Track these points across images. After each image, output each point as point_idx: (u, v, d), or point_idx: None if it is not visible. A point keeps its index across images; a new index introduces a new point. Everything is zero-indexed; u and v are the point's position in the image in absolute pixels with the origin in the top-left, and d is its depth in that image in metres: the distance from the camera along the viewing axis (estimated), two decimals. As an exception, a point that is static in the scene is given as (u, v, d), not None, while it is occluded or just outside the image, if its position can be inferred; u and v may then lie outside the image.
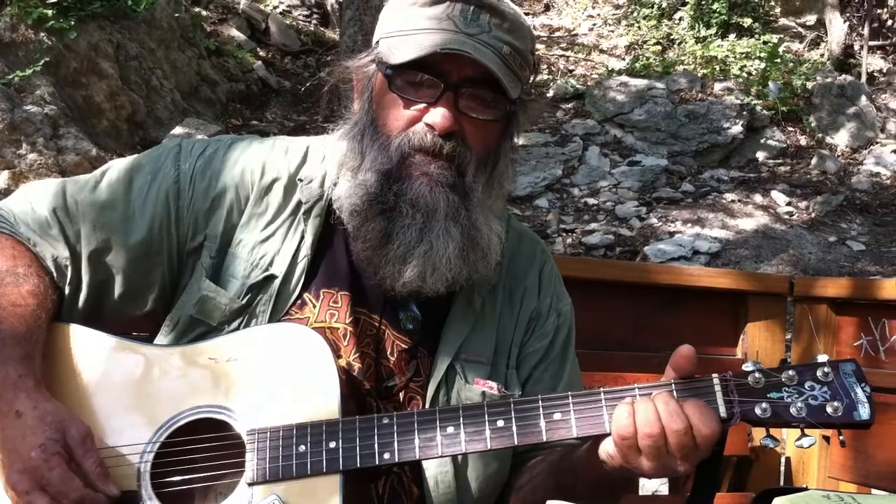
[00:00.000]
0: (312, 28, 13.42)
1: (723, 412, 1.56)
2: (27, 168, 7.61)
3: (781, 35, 13.81)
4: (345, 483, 1.60)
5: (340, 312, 1.82)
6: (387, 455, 1.60)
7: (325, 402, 1.64)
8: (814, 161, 10.50)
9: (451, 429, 1.61)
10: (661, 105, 10.73)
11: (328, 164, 1.87)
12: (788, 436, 2.89)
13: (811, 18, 14.72)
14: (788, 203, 9.44)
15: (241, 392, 1.67)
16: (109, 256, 1.79)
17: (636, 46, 13.91)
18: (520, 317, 1.97)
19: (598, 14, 15.24)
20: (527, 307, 1.98)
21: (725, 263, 8.03)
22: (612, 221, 8.80)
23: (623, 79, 11.38)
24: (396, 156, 1.74)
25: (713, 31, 13.47)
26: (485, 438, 1.60)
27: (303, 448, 1.60)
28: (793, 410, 1.55)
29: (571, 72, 12.98)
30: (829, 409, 1.54)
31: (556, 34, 14.66)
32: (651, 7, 14.35)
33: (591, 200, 9.19)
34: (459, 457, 1.80)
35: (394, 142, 1.75)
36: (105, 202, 1.81)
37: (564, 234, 8.51)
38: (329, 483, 1.59)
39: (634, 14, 14.57)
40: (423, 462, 1.78)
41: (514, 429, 1.60)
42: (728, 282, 3.26)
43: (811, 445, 1.58)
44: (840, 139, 11.15)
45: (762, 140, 10.83)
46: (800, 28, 14.62)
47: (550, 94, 11.57)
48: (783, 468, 3.24)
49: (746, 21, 13.55)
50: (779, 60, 12.23)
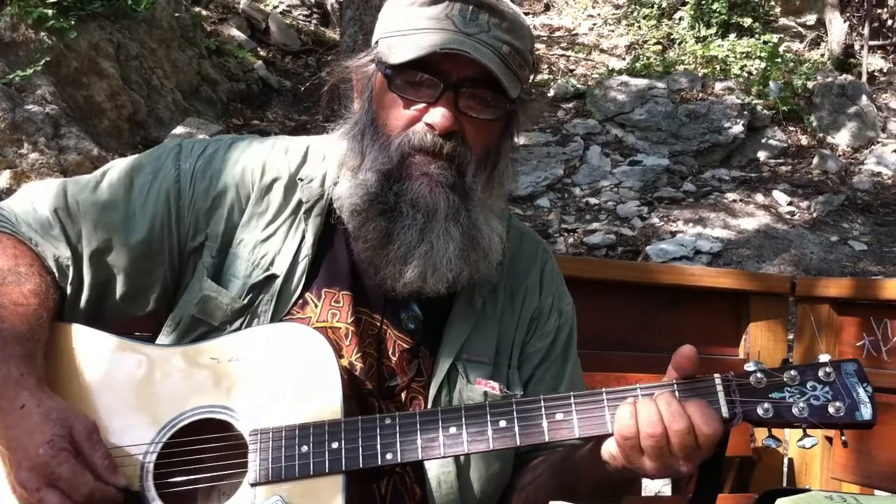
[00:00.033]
0: (313, 28, 13.41)
1: (725, 412, 1.55)
2: (29, 168, 7.61)
3: (782, 35, 13.80)
4: (347, 483, 1.59)
5: (342, 312, 1.82)
6: (389, 455, 1.60)
7: (328, 402, 1.64)
8: (815, 161, 10.50)
9: (454, 429, 1.61)
10: (662, 105, 10.73)
11: (328, 164, 1.87)
12: (791, 436, 2.90)
13: (811, 18, 14.71)
14: (790, 203, 9.44)
15: (244, 392, 1.66)
16: (111, 256, 1.79)
17: (636, 46, 13.90)
18: (521, 316, 1.96)
19: (599, 14, 15.23)
20: (528, 307, 1.98)
21: (727, 263, 8.03)
22: (614, 221, 8.80)
23: (624, 78, 11.38)
24: (397, 156, 1.74)
25: (713, 31, 13.46)
26: (487, 439, 1.60)
27: (305, 448, 1.60)
28: (795, 411, 1.54)
29: (572, 71, 12.98)
30: (832, 410, 1.54)
31: (557, 34, 14.66)
32: (651, 7, 14.34)
33: (593, 200, 9.19)
34: (462, 457, 1.80)
35: (394, 142, 1.75)
36: (106, 202, 1.81)
37: (566, 234, 8.51)
38: (332, 483, 1.59)
39: (634, 14, 14.57)
40: (426, 462, 1.78)
41: (517, 429, 1.60)
42: (730, 282, 3.26)
43: (813, 446, 1.58)
44: (841, 139, 11.14)
45: (763, 140, 10.83)
46: (800, 28, 14.61)
47: (551, 94, 11.56)
48: (786, 469, 3.24)
49: (746, 21, 13.54)
50: (779, 60, 12.23)
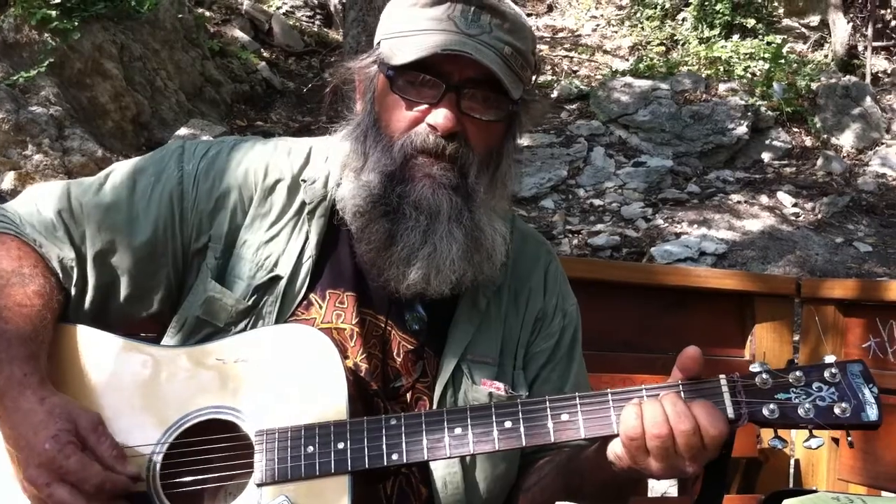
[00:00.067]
0: (316, 29, 13.44)
1: (730, 413, 1.55)
2: (33, 169, 7.63)
3: (785, 36, 13.80)
4: (353, 484, 1.59)
5: (347, 313, 1.82)
6: (395, 456, 1.60)
7: (333, 403, 1.64)
8: (819, 162, 10.49)
9: (459, 430, 1.61)
10: (666, 106, 10.73)
11: (331, 165, 1.87)
12: (797, 437, 2.89)
13: (815, 19, 14.71)
14: (794, 204, 9.43)
15: (249, 393, 1.66)
16: (115, 258, 1.79)
17: (640, 47, 13.90)
18: (525, 317, 1.96)
19: (602, 15, 15.24)
20: (532, 307, 1.98)
21: (732, 264, 8.02)
22: (618, 222, 8.80)
23: (627, 80, 11.38)
24: (399, 157, 1.74)
25: (717, 32, 13.46)
26: (493, 439, 1.60)
27: (311, 449, 1.60)
28: (800, 411, 1.54)
29: (575, 73, 12.98)
30: (837, 410, 1.53)
31: (560, 35, 14.67)
32: (654, 8, 14.35)
33: (597, 201, 9.19)
34: (468, 458, 1.79)
35: (396, 143, 1.75)
36: (109, 204, 1.81)
37: (570, 235, 8.51)
38: (337, 484, 1.59)
39: (638, 15, 14.57)
40: (432, 463, 1.77)
41: (522, 430, 1.60)
42: (735, 283, 3.26)
43: (819, 446, 1.58)
44: (845, 140, 11.13)
45: (767, 141, 10.82)
46: (803, 29, 14.61)
47: (555, 95, 11.57)
48: (792, 470, 3.23)
49: (750, 22, 13.53)
50: (783, 61, 12.22)
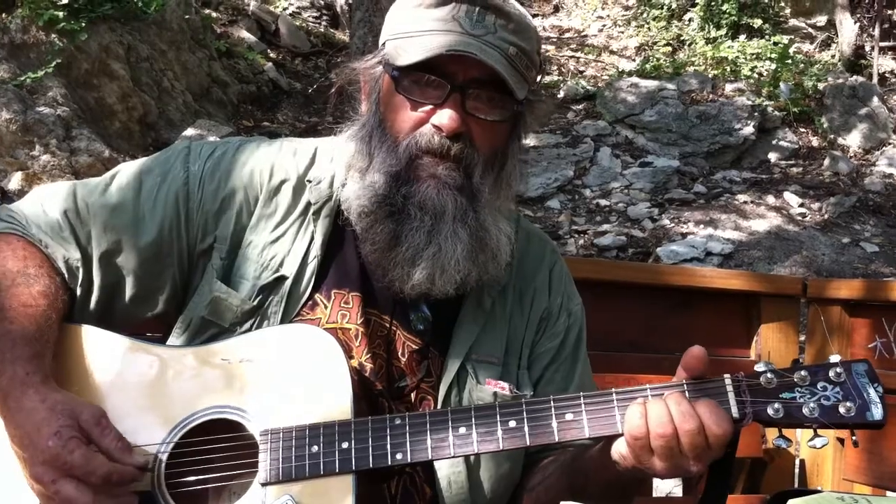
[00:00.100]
0: (322, 30, 13.45)
1: (735, 412, 1.55)
2: (40, 169, 7.65)
3: (792, 36, 13.79)
4: (357, 483, 1.60)
5: (352, 313, 1.82)
6: (399, 455, 1.60)
7: (338, 403, 1.64)
8: (826, 162, 10.47)
9: (463, 429, 1.61)
10: (672, 106, 10.72)
11: (336, 165, 1.88)
12: (802, 437, 2.89)
13: (821, 19, 14.69)
14: (801, 204, 9.42)
15: (254, 393, 1.67)
16: (120, 258, 1.79)
17: (646, 48, 13.90)
18: (530, 317, 1.96)
19: (608, 15, 15.24)
20: (537, 307, 1.98)
21: (738, 265, 8.01)
22: (624, 223, 8.79)
23: (633, 80, 11.38)
24: (404, 157, 1.74)
25: (723, 33, 13.45)
26: (497, 439, 1.60)
27: (316, 448, 1.60)
28: (805, 411, 1.54)
29: (582, 73, 12.98)
30: (842, 410, 1.53)
31: (566, 35, 14.67)
32: (661, 8, 14.34)
33: (603, 201, 9.18)
34: (472, 457, 1.80)
35: (401, 143, 1.75)
36: (115, 205, 1.81)
37: (576, 236, 8.50)
38: (342, 483, 1.59)
39: (644, 15, 14.57)
40: (436, 462, 1.78)
41: (527, 429, 1.60)
42: (741, 283, 3.25)
43: (824, 446, 1.58)
44: (852, 140, 11.11)
45: (774, 141, 10.81)
46: (810, 29, 14.59)
47: (561, 96, 11.57)
48: (797, 470, 3.23)
49: (756, 22, 13.53)
50: (790, 61, 12.21)
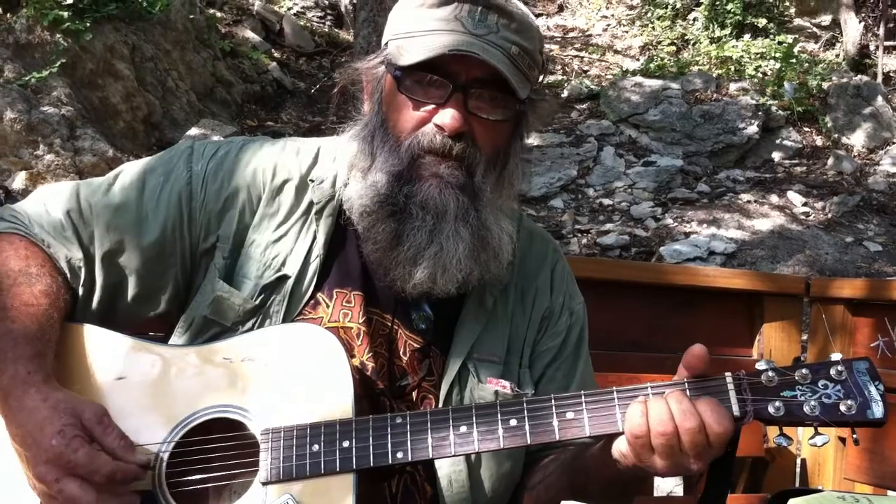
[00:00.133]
0: (327, 29, 13.45)
1: (736, 411, 1.55)
2: (44, 169, 7.66)
3: (796, 35, 13.77)
4: (358, 482, 1.60)
5: (353, 312, 1.82)
6: (400, 454, 1.60)
7: (339, 402, 1.64)
8: (830, 161, 10.46)
9: (464, 428, 1.61)
10: (676, 105, 10.71)
11: (339, 165, 1.88)
12: (803, 435, 2.89)
13: (826, 19, 14.66)
14: (805, 203, 9.40)
15: (256, 392, 1.67)
16: (123, 258, 1.80)
17: (650, 47, 13.89)
18: (532, 316, 1.97)
19: (612, 15, 15.23)
20: (539, 306, 1.98)
21: (741, 264, 8.01)
22: (628, 222, 8.79)
23: (638, 79, 11.37)
24: (406, 157, 1.74)
25: (728, 32, 13.44)
26: (497, 437, 1.60)
27: (316, 447, 1.61)
28: (806, 409, 1.54)
29: (586, 72, 12.97)
30: (843, 408, 1.53)
31: (571, 35, 14.66)
32: (665, 7, 14.33)
33: (607, 201, 9.18)
34: (473, 456, 1.80)
35: (404, 143, 1.75)
36: (118, 204, 1.81)
37: (579, 235, 8.50)
38: (342, 482, 1.59)
39: (648, 14, 14.56)
40: (437, 461, 1.78)
41: (527, 428, 1.60)
42: (744, 282, 3.25)
43: (825, 444, 1.58)
44: (856, 139, 11.10)
45: (778, 140, 10.79)
46: (815, 28, 14.57)
47: (565, 95, 11.56)
48: (798, 469, 3.23)
49: (761, 21, 13.51)
50: (794, 61, 12.19)
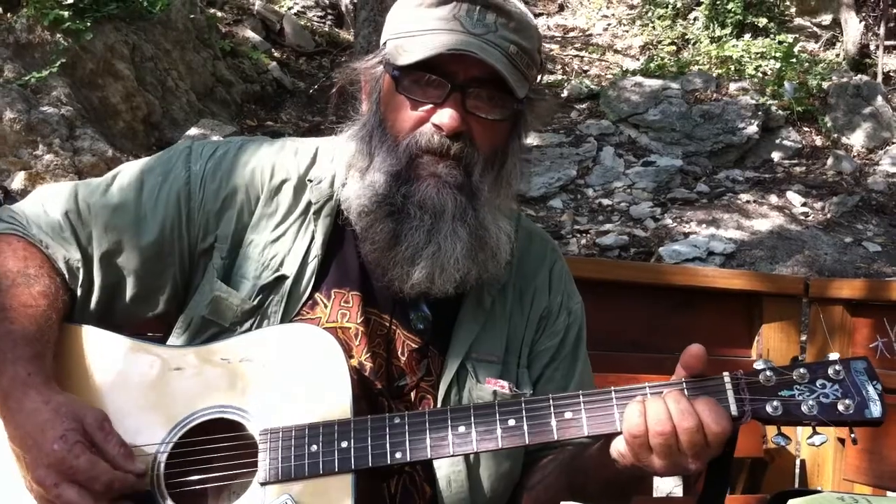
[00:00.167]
0: (327, 29, 13.45)
1: (734, 410, 1.55)
2: (43, 169, 7.66)
3: (797, 35, 13.77)
4: (357, 482, 1.60)
5: (352, 312, 1.82)
6: (398, 454, 1.60)
7: (338, 402, 1.64)
8: (829, 161, 10.46)
9: (463, 428, 1.61)
10: (676, 105, 10.71)
11: (337, 165, 1.88)
12: (802, 436, 2.89)
13: (826, 18, 14.67)
14: (804, 204, 9.41)
15: (254, 392, 1.67)
16: (121, 258, 1.80)
17: (651, 46, 13.89)
18: (530, 316, 1.96)
19: (613, 14, 15.23)
20: (537, 306, 1.98)
21: (740, 264, 8.01)
22: (627, 222, 8.79)
23: (638, 79, 11.37)
24: (405, 157, 1.74)
25: (728, 31, 13.44)
26: (496, 437, 1.60)
27: (315, 448, 1.60)
28: (804, 408, 1.54)
29: (586, 72, 12.97)
30: (841, 407, 1.53)
31: (571, 34, 14.66)
32: (665, 7, 14.33)
33: (606, 201, 9.18)
34: (472, 456, 1.80)
35: (402, 143, 1.75)
36: (117, 205, 1.81)
37: (578, 235, 8.50)
38: (341, 483, 1.59)
39: (649, 14, 14.56)
40: (436, 461, 1.78)
41: (526, 428, 1.60)
42: (743, 283, 3.25)
43: (823, 443, 1.58)
44: (856, 139, 11.10)
45: (777, 140, 10.80)
46: (815, 28, 14.57)
47: (565, 95, 11.56)
48: (798, 470, 3.23)
49: (761, 21, 13.51)
50: (794, 60, 12.20)
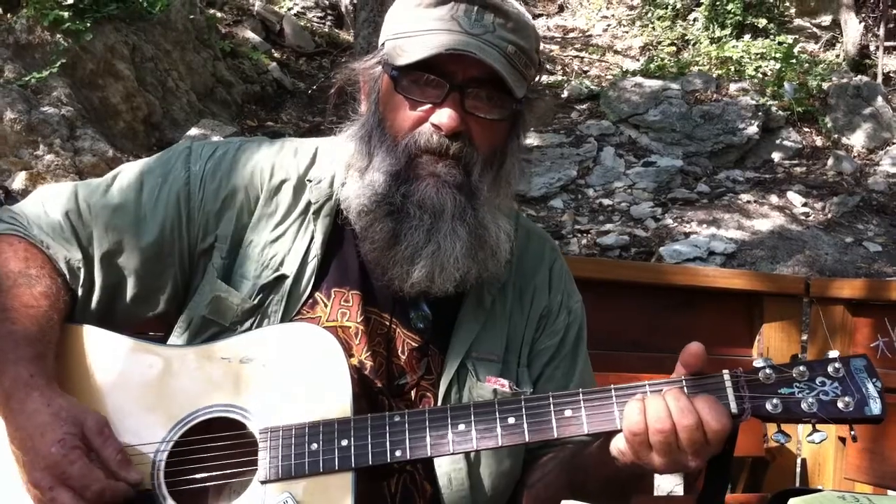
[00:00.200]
0: (327, 30, 13.46)
1: (733, 408, 1.55)
2: (44, 169, 7.66)
3: (796, 35, 13.77)
4: (357, 481, 1.60)
5: (352, 311, 1.83)
6: (398, 453, 1.61)
7: (338, 401, 1.64)
8: (830, 162, 10.46)
9: (463, 426, 1.61)
10: (676, 106, 10.71)
11: (336, 165, 1.88)
12: (803, 434, 2.89)
13: (826, 19, 14.67)
14: (804, 204, 9.41)
15: (255, 391, 1.67)
16: (121, 258, 1.80)
17: (651, 47, 13.90)
18: (530, 314, 1.97)
19: (613, 15, 15.23)
20: (537, 305, 1.98)
21: (741, 264, 8.01)
22: (627, 222, 8.79)
23: (638, 80, 11.37)
24: (404, 157, 1.75)
25: (728, 32, 13.44)
26: (496, 436, 1.61)
27: (315, 446, 1.61)
28: (804, 406, 1.54)
29: (586, 73, 12.98)
30: (841, 405, 1.53)
31: (571, 35, 14.66)
32: (665, 8, 14.33)
33: (606, 201, 9.18)
34: (472, 454, 1.80)
35: (401, 143, 1.76)
36: (117, 205, 1.82)
37: (579, 235, 8.50)
38: (341, 481, 1.59)
39: (649, 15, 14.57)
40: (436, 460, 1.78)
41: (526, 426, 1.60)
42: (743, 283, 3.26)
43: (822, 441, 1.58)
44: (856, 140, 11.10)
45: (778, 141, 10.80)
46: (815, 28, 14.57)
47: (565, 95, 11.57)
48: (799, 469, 3.23)
49: (761, 22, 13.51)
50: (794, 61, 12.19)
